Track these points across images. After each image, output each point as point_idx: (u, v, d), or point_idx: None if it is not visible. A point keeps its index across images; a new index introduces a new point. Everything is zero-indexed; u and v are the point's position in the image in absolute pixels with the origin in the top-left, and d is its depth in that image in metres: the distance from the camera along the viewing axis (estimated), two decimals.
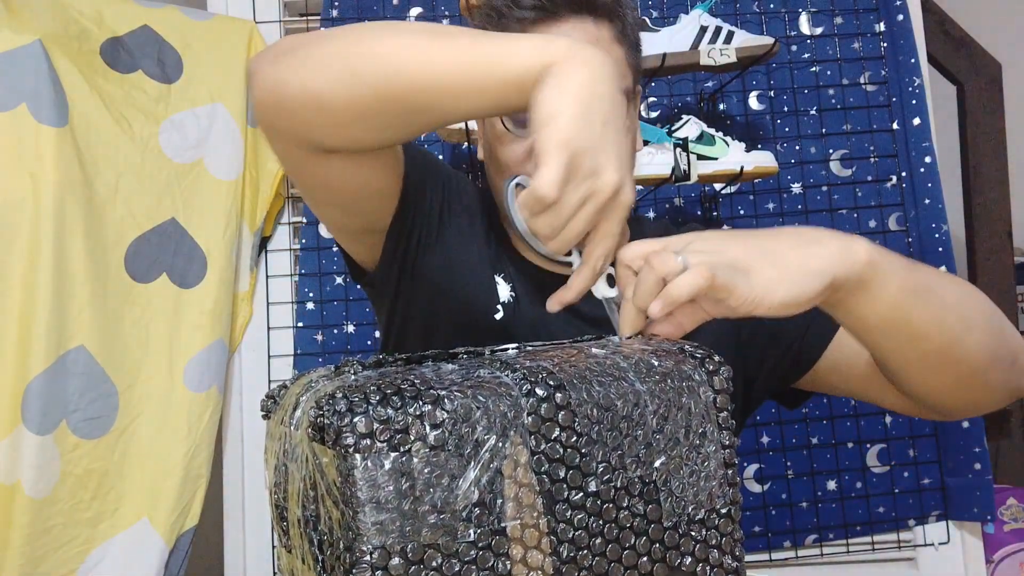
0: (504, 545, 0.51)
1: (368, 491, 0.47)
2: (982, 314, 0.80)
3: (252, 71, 0.78)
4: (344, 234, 0.98)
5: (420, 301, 0.99)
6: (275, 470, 0.57)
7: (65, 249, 1.42)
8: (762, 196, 1.79)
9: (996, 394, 0.84)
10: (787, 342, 0.97)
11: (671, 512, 0.57)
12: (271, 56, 0.77)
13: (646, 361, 0.59)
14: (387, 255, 0.97)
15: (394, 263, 0.97)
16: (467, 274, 0.99)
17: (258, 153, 1.69)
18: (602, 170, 0.64)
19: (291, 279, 1.75)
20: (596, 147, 0.64)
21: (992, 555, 1.81)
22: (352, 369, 0.57)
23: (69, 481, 1.42)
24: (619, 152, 0.65)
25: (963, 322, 0.77)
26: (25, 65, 1.43)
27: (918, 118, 1.75)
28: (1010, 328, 0.83)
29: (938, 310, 0.75)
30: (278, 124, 0.79)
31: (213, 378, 1.59)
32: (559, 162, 0.62)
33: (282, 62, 0.75)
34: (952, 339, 0.76)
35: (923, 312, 0.74)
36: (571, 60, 0.66)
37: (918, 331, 0.75)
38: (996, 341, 0.80)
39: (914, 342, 0.76)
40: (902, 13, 1.77)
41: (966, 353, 0.77)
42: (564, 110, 0.63)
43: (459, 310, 0.98)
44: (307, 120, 0.75)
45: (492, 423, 0.51)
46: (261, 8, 1.76)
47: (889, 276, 0.72)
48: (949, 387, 0.81)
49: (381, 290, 1.02)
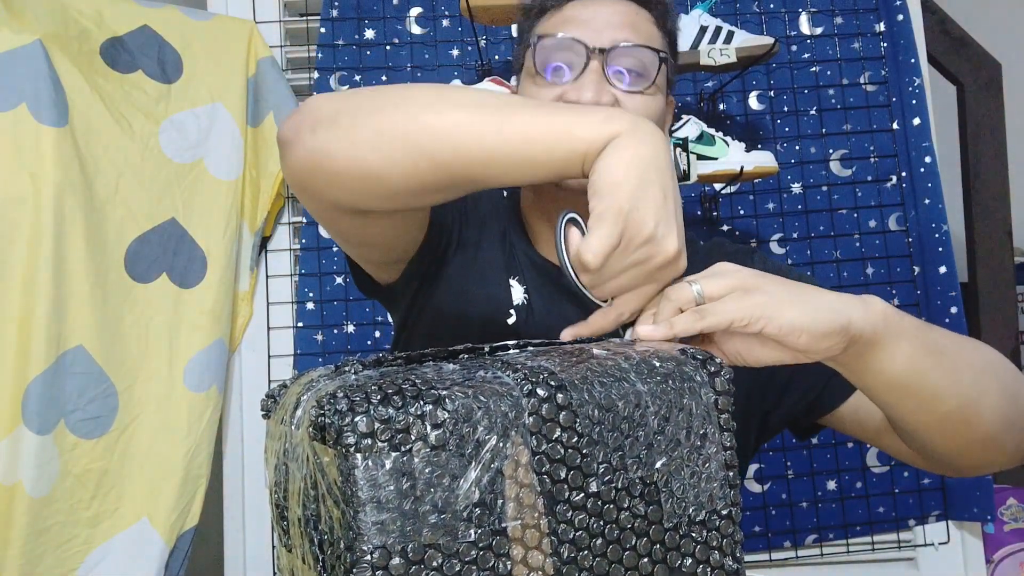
0: (505, 545, 0.51)
1: (369, 491, 0.47)
2: (997, 377, 0.79)
3: (288, 140, 0.76)
4: (367, 264, 0.98)
5: (434, 306, 0.99)
6: (275, 469, 0.57)
7: (65, 249, 1.42)
8: (762, 196, 1.79)
9: (1009, 456, 0.83)
10: (804, 389, 0.96)
11: (672, 513, 0.57)
12: (309, 124, 0.74)
13: (648, 362, 0.59)
14: (408, 274, 0.97)
15: (413, 280, 0.98)
16: (481, 279, 0.99)
17: (258, 153, 1.69)
18: (664, 240, 0.65)
19: (291, 279, 1.75)
20: (659, 218, 0.64)
21: (992, 555, 1.81)
22: (353, 368, 0.57)
23: (69, 481, 1.42)
24: (680, 224, 0.66)
25: (978, 385, 0.76)
26: (25, 65, 1.43)
27: (918, 118, 1.75)
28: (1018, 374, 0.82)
29: (953, 372, 0.75)
30: (316, 190, 0.77)
31: (213, 378, 1.59)
32: (612, 233, 0.63)
33: (325, 132, 0.73)
34: (967, 402, 0.76)
35: (938, 373, 0.74)
36: (634, 134, 0.66)
37: (933, 393, 0.74)
38: (1011, 405, 0.79)
39: (929, 404, 0.75)
40: (902, 13, 1.77)
41: (980, 417, 0.77)
42: (627, 181, 0.64)
43: (473, 314, 0.98)
44: (354, 190, 0.74)
45: (493, 423, 0.51)
46: (261, 8, 1.76)
47: (904, 334, 0.71)
48: (962, 448, 0.80)
49: (396, 300, 1.02)
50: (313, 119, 0.74)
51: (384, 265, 0.97)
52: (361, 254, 0.95)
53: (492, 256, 1.00)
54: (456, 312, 0.99)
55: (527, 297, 0.99)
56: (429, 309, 1.00)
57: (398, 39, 1.77)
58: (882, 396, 0.77)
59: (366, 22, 1.76)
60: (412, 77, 1.75)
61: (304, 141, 0.73)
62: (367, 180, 0.72)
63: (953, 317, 1.69)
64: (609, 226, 0.63)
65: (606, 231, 0.63)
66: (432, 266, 0.98)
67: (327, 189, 0.75)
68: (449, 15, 1.77)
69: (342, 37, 1.76)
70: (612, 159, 0.65)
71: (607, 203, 0.64)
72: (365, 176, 0.72)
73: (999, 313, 1.89)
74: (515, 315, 0.98)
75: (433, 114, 0.71)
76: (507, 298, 0.99)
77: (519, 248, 1.02)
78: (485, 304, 0.98)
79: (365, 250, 0.94)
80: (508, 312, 0.98)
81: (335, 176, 0.73)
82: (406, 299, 1.00)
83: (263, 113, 1.69)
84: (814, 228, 1.78)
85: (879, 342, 0.70)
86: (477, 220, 1.02)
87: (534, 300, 0.99)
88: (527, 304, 0.99)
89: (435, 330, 1.00)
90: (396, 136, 0.70)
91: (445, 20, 1.77)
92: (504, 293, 0.99)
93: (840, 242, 1.78)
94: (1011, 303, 1.90)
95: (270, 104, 1.69)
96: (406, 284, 0.98)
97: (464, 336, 0.97)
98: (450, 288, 0.99)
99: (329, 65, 1.74)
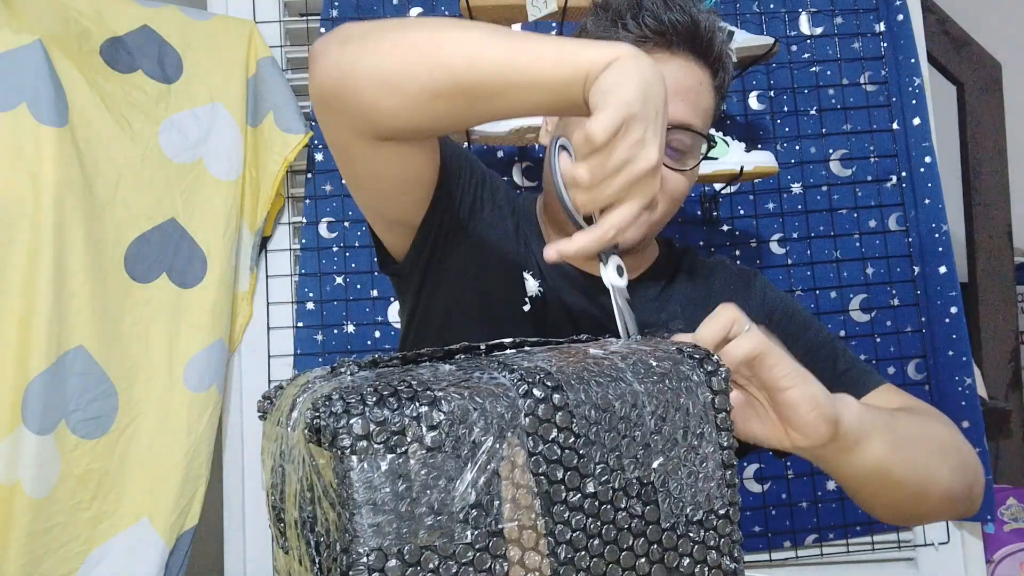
0: (501, 547, 0.50)
1: (365, 493, 0.47)
2: (947, 457, 0.86)
3: (317, 52, 0.80)
4: (379, 221, 1.01)
5: (444, 292, 1.02)
6: (272, 471, 0.57)
7: (65, 249, 1.42)
8: (762, 196, 1.79)
9: (947, 516, 0.91)
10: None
11: (669, 513, 0.57)
12: (339, 38, 0.79)
13: (644, 362, 0.59)
14: (415, 246, 1.00)
15: (421, 255, 1.00)
16: (495, 268, 1.02)
17: (258, 153, 1.69)
18: (648, 144, 0.68)
19: (291, 279, 1.75)
20: (649, 122, 0.68)
21: (992, 555, 1.81)
22: (348, 370, 0.57)
23: (69, 481, 1.43)
24: (662, 140, 0.69)
25: (931, 467, 0.83)
26: (25, 65, 1.43)
27: (918, 118, 1.75)
28: (974, 459, 0.90)
29: (912, 462, 0.81)
30: (338, 104, 0.80)
31: (213, 378, 1.59)
32: (616, 115, 0.66)
33: (353, 44, 0.78)
34: (921, 484, 0.82)
35: (900, 466, 0.80)
36: (637, 56, 0.70)
37: (894, 482, 0.80)
38: (961, 476, 0.87)
39: (889, 490, 0.81)
40: (902, 13, 1.77)
41: (931, 493, 0.84)
42: (629, 84, 0.67)
43: (485, 302, 1.01)
44: (374, 101, 0.77)
45: (489, 424, 0.51)
46: (261, 8, 1.76)
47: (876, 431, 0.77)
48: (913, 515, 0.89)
49: (407, 280, 1.04)
50: (343, 35, 0.79)
51: (390, 226, 1.00)
52: (369, 204, 0.98)
53: (507, 246, 1.04)
54: (467, 299, 1.01)
55: (541, 290, 1.02)
56: (439, 294, 1.02)
57: None
58: (849, 484, 0.82)
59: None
60: None
61: (332, 53, 0.79)
62: (386, 92, 0.76)
63: (953, 317, 1.68)
64: (613, 109, 0.66)
65: (612, 112, 0.66)
66: (440, 244, 1.01)
67: (349, 100, 0.79)
68: (449, 15, 1.77)
69: None
70: (617, 70, 0.69)
71: (609, 95, 0.67)
72: (385, 88, 0.76)
73: (999, 313, 1.89)
74: (530, 304, 1.01)
75: (455, 30, 0.76)
76: (521, 288, 1.02)
77: (533, 245, 1.05)
78: (502, 287, 1.02)
79: (373, 199, 0.96)
80: (524, 300, 1.00)
81: (355, 84, 0.77)
82: (415, 278, 1.03)
83: (263, 113, 1.69)
84: (814, 228, 1.78)
85: (858, 440, 0.76)
86: (494, 205, 1.05)
87: (548, 293, 1.02)
88: (541, 296, 1.01)
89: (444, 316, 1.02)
90: (417, 44, 0.76)
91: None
92: (518, 283, 1.02)
93: (840, 242, 1.77)
94: (1011, 303, 1.90)
95: (270, 104, 1.69)
96: (415, 258, 1.01)
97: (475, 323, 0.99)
98: (461, 274, 1.01)
99: None
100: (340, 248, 1.72)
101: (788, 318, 1.09)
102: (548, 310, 1.01)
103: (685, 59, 0.96)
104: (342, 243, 1.73)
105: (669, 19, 0.94)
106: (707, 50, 0.97)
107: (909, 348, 1.75)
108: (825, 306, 1.75)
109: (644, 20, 0.94)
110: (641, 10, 0.95)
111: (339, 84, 0.78)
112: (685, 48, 0.96)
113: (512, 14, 1.52)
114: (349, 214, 1.73)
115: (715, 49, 0.97)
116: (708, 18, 0.97)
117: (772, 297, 1.10)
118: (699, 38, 0.96)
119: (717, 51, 0.98)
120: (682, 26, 0.94)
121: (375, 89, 0.77)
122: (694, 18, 0.95)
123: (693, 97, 0.97)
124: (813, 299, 1.75)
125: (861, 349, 1.74)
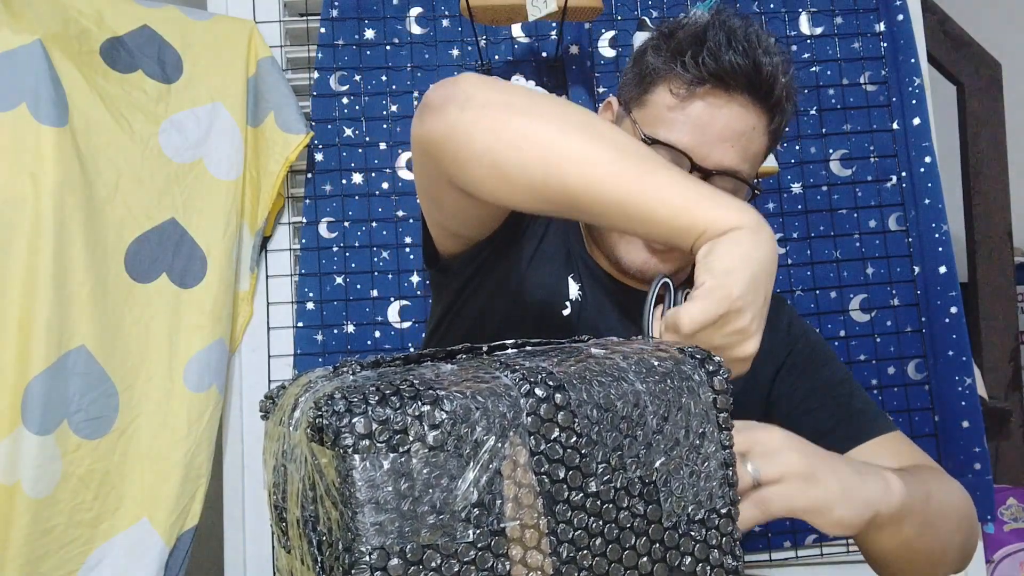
0: (503, 546, 0.51)
1: (367, 492, 0.47)
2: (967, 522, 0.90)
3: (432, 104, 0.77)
4: (440, 230, 1.01)
5: (485, 294, 1.03)
6: (274, 471, 0.57)
7: (65, 249, 1.42)
8: (762, 196, 1.79)
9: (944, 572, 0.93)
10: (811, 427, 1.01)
11: (671, 512, 0.57)
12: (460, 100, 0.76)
13: (646, 361, 0.59)
14: (470, 254, 1.02)
15: (474, 261, 1.02)
16: (543, 267, 1.04)
17: (258, 153, 1.69)
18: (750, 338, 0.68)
19: (291, 279, 1.75)
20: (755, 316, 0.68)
21: (992, 555, 1.81)
22: (351, 369, 0.57)
23: (71, 481, 1.42)
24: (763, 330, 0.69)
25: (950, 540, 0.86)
26: (25, 65, 1.43)
27: (918, 118, 1.75)
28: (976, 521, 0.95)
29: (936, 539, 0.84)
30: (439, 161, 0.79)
31: (213, 378, 1.59)
32: (715, 311, 0.65)
33: (473, 115, 0.74)
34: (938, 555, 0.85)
35: (926, 543, 0.82)
36: (757, 232, 0.69)
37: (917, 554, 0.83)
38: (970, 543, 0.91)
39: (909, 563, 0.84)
40: (902, 13, 1.77)
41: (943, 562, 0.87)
42: (743, 272, 0.66)
43: (526, 305, 1.02)
44: (478, 178, 0.75)
45: (491, 424, 0.51)
46: (261, 8, 1.76)
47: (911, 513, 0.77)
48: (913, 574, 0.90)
49: (449, 279, 1.05)
50: (465, 96, 0.76)
51: (457, 237, 1.00)
52: (442, 220, 0.98)
53: (555, 250, 1.05)
54: (511, 299, 1.02)
55: (581, 294, 1.03)
56: (480, 294, 1.03)
57: (398, 39, 1.77)
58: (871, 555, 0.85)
59: (366, 22, 1.76)
60: (412, 77, 1.75)
61: (449, 113, 0.75)
62: (493, 176, 0.74)
63: (953, 317, 1.68)
64: (715, 304, 0.65)
65: (711, 307, 0.65)
66: (494, 253, 1.02)
67: (451, 165, 0.77)
68: (449, 15, 1.77)
69: (342, 37, 1.76)
70: (731, 246, 0.67)
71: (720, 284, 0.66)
72: (493, 172, 0.74)
73: (999, 313, 1.89)
74: (569, 308, 1.01)
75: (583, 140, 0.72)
76: (564, 291, 1.03)
77: (576, 250, 1.07)
78: (543, 291, 1.03)
79: (449, 219, 0.97)
80: (564, 304, 1.01)
81: (465, 159, 0.75)
82: (461, 278, 1.04)
83: (263, 113, 1.69)
84: (814, 228, 1.78)
85: (889, 523, 0.76)
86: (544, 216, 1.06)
87: (587, 298, 1.03)
88: (581, 300, 1.03)
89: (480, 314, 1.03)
90: (539, 146, 0.72)
91: (445, 20, 1.77)
92: (562, 285, 1.03)
93: (840, 242, 1.77)
94: (1011, 303, 1.90)
95: (270, 104, 1.69)
96: (468, 263, 1.02)
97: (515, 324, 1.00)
98: (512, 271, 1.03)
99: (329, 65, 1.74)
100: (340, 248, 1.73)
101: (811, 350, 1.10)
102: (585, 313, 1.02)
103: (743, 103, 0.95)
104: (342, 243, 1.73)
105: (730, 61, 0.92)
106: (767, 95, 0.95)
107: (909, 348, 1.75)
108: (825, 306, 1.75)
109: (704, 60, 0.92)
110: (703, 48, 0.92)
111: (448, 147, 0.76)
112: (743, 91, 0.94)
113: (512, 14, 1.52)
114: (349, 214, 1.73)
115: (775, 94, 0.96)
116: (771, 61, 0.94)
117: (798, 329, 1.12)
118: (759, 83, 0.94)
119: (777, 96, 0.96)
120: (742, 70, 0.92)
121: (483, 169, 0.74)
122: (756, 61, 0.93)
123: (744, 142, 0.96)
124: (813, 299, 1.75)
125: (861, 349, 1.74)
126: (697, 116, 0.94)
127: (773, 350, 1.08)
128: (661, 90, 0.97)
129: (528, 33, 1.77)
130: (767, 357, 1.08)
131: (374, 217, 1.72)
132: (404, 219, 1.72)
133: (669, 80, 0.96)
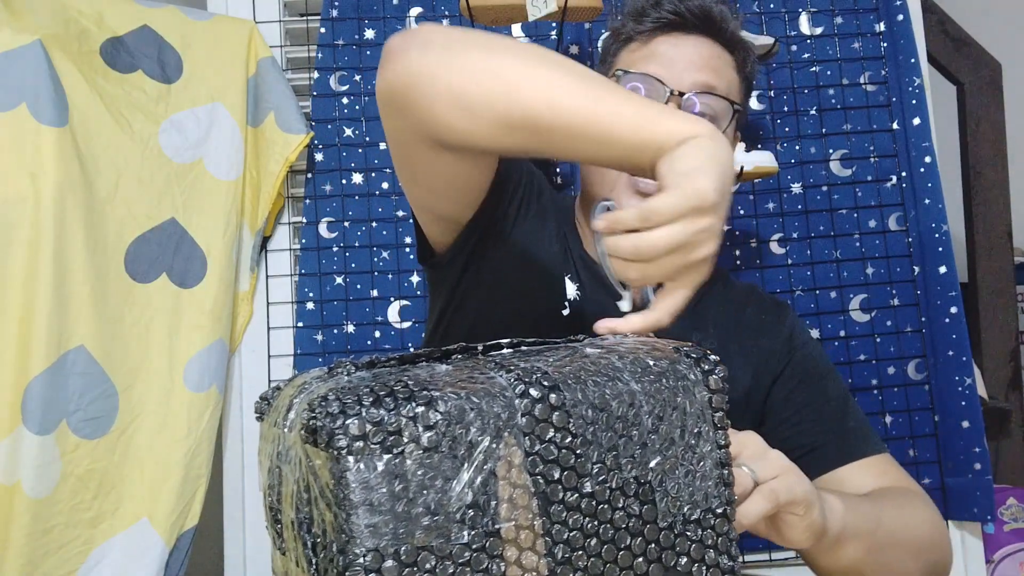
0: (498, 547, 0.51)
1: (361, 493, 0.47)
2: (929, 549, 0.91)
3: (393, 49, 0.79)
4: (427, 215, 1.01)
5: (482, 290, 1.03)
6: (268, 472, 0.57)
7: (65, 249, 1.42)
8: (762, 196, 1.78)
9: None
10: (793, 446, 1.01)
11: (667, 512, 0.57)
12: (420, 41, 0.77)
13: (641, 361, 0.59)
14: (459, 242, 1.01)
15: (463, 251, 1.01)
16: (536, 270, 1.03)
17: (258, 153, 1.69)
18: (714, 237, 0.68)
19: (291, 279, 1.75)
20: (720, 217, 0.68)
21: (992, 555, 1.81)
22: (345, 370, 0.57)
23: (71, 481, 1.43)
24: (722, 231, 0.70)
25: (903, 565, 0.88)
26: (25, 65, 1.43)
27: (918, 118, 1.75)
28: (947, 549, 0.96)
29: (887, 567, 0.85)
30: (405, 107, 0.79)
31: (213, 378, 1.59)
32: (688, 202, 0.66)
33: (435, 52, 0.76)
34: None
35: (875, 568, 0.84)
36: (715, 138, 0.70)
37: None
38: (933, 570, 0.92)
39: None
40: (902, 13, 1.77)
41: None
42: (708, 172, 0.67)
43: (524, 304, 1.02)
44: (444, 117, 0.76)
45: (486, 424, 0.51)
46: (261, 8, 1.76)
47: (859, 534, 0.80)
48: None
49: (444, 273, 1.05)
50: (425, 38, 0.77)
51: (437, 219, 1.00)
52: (421, 198, 0.98)
53: (550, 247, 1.05)
54: (505, 299, 1.02)
55: (580, 294, 1.03)
56: (475, 293, 1.03)
57: None
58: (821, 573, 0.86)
59: (366, 22, 1.76)
60: None
61: (411, 56, 0.77)
62: (458, 110, 0.75)
63: (953, 317, 1.68)
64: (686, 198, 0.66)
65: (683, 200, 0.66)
66: (482, 244, 1.01)
67: (416, 109, 0.78)
68: (449, 15, 1.77)
69: (342, 37, 1.76)
70: (694, 150, 0.69)
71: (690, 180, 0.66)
72: (458, 106, 0.75)
73: (999, 313, 1.89)
74: (569, 308, 1.02)
75: (544, 68, 0.74)
76: (562, 291, 1.03)
77: (573, 247, 1.07)
78: (540, 294, 1.03)
79: (426, 194, 0.97)
80: (563, 305, 1.01)
81: (430, 97, 0.76)
82: (452, 274, 1.03)
83: (263, 113, 1.69)
84: (814, 228, 1.77)
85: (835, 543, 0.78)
86: (539, 207, 1.06)
87: (586, 298, 1.03)
88: (580, 300, 1.03)
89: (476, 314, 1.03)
90: (501, 73, 0.74)
91: (445, 20, 1.77)
92: (559, 285, 1.03)
93: (840, 242, 1.77)
94: (1011, 303, 1.89)
95: (270, 104, 1.69)
96: (456, 255, 1.02)
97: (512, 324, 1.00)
98: (501, 274, 1.02)
99: (329, 65, 1.75)
100: (340, 248, 1.73)
101: (809, 360, 1.10)
102: (585, 312, 1.02)
103: (701, 39, 1.05)
104: (342, 243, 1.73)
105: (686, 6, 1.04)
106: (720, 31, 1.05)
107: (909, 348, 1.74)
108: (825, 306, 1.75)
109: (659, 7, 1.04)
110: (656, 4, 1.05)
111: (411, 89, 0.77)
112: (700, 31, 1.04)
113: (512, 14, 1.51)
114: (349, 214, 1.73)
115: (728, 30, 1.06)
116: (719, 8, 1.06)
117: (799, 337, 1.12)
118: (712, 20, 1.04)
119: (731, 32, 1.06)
120: (693, 11, 1.04)
121: (448, 106, 0.75)
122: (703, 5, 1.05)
123: (714, 65, 1.04)
124: (813, 299, 1.75)
125: (861, 349, 1.74)
126: (663, 52, 1.04)
127: (772, 357, 1.09)
128: (624, 51, 1.09)
129: (528, 33, 1.77)
130: (765, 364, 1.08)
131: (374, 217, 1.72)
132: (404, 219, 1.72)
133: (630, 40, 1.08)
